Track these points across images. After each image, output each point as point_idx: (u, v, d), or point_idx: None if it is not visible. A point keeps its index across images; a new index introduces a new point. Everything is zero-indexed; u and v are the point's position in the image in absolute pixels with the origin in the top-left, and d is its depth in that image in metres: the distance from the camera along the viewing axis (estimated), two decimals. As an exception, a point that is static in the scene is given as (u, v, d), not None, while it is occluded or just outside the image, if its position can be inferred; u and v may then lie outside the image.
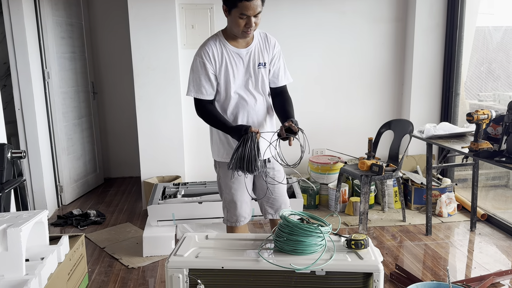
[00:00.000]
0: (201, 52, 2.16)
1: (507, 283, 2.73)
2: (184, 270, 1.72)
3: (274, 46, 2.29)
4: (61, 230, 3.74)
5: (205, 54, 2.15)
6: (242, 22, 2.06)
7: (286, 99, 2.32)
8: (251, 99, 2.24)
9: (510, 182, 4.15)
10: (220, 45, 2.17)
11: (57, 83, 4.17)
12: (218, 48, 2.16)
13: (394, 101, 4.49)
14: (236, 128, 2.09)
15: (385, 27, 4.32)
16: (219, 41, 2.18)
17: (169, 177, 4.12)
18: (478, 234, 3.48)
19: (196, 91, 2.19)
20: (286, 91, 2.36)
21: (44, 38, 4.01)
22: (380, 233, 3.55)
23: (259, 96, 2.27)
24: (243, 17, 2.04)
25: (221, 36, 2.20)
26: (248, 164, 2.02)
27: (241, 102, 2.23)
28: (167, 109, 4.03)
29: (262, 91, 2.28)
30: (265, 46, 2.25)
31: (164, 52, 3.93)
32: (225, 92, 2.22)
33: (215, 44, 2.17)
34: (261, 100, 2.28)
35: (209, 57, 2.15)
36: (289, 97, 2.34)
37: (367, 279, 1.68)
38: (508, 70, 3.95)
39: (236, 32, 2.12)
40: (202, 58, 2.15)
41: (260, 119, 2.29)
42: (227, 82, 2.20)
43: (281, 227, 1.78)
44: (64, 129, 4.30)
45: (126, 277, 2.92)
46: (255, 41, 2.23)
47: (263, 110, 2.30)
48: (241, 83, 2.22)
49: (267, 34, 2.29)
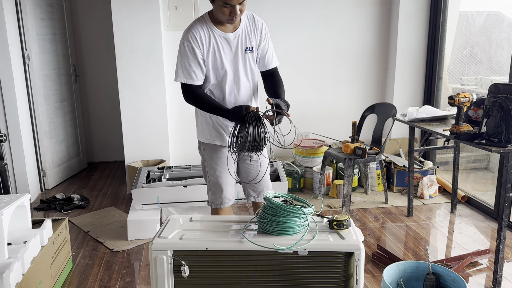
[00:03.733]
0: (188, 36, 2.11)
1: (485, 262, 2.81)
2: (168, 252, 1.72)
3: (261, 28, 2.25)
4: (44, 215, 3.71)
5: (192, 38, 2.10)
6: (226, 11, 2.02)
7: (277, 81, 2.28)
8: (238, 84, 2.22)
9: (490, 164, 4.23)
10: (208, 29, 2.13)
11: (37, 66, 4.09)
12: (205, 32, 2.12)
13: (378, 85, 4.51)
14: (235, 110, 2.02)
15: (369, 11, 4.32)
16: (206, 24, 2.13)
17: (153, 161, 4.10)
18: (458, 216, 3.56)
19: (186, 76, 2.13)
20: (277, 73, 2.34)
21: (24, 20, 3.91)
22: (363, 215, 3.61)
23: (246, 81, 2.25)
24: (227, 6, 2.00)
25: (207, 20, 2.15)
26: (260, 142, 1.99)
27: (229, 87, 2.21)
28: (151, 92, 3.99)
29: (250, 76, 2.26)
30: (253, 30, 2.22)
31: (147, 34, 3.87)
32: (214, 78, 2.19)
33: (202, 28, 2.12)
34: (248, 85, 2.26)
35: (197, 41, 2.10)
36: (280, 78, 2.31)
37: (349, 258, 1.71)
38: (489, 54, 4.00)
39: (221, 19, 2.09)
40: (190, 42, 2.10)
41: (247, 103, 2.27)
42: (215, 67, 2.17)
43: (265, 209, 1.80)
44: (45, 113, 4.23)
45: (110, 260, 2.92)
46: (242, 24, 2.19)
47: (249, 96, 2.28)
48: (229, 68, 2.19)
49: (255, 16, 2.25)
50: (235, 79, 2.21)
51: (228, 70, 2.19)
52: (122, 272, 2.77)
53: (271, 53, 2.31)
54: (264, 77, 2.34)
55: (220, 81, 2.20)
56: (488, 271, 2.72)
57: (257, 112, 2.01)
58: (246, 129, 1.96)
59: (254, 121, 1.97)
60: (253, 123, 1.97)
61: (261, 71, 2.34)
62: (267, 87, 2.31)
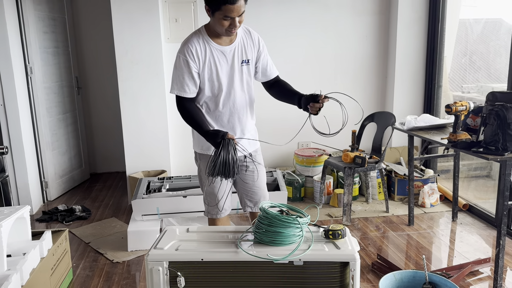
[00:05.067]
0: (184, 49, 2.14)
1: (486, 271, 2.79)
2: (164, 263, 1.73)
3: (258, 42, 2.27)
4: (46, 226, 3.73)
5: (188, 52, 2.12)
6: (226, 23, 2.03)
7: (284, 83, 2.37)
8: (234, 97, 2.24)
9: (491, 172, 4.22)
10: (204, 42, 2.15)
11: (40, 78, 4.14)
12: (201, 45, 2.14)
13: (377, 94, 4.53)
14: (212, 134, 2.08)
15: (368, 20, 4.35)
16: (202, 38, 2.15)
17: (154, 171, 4.12)
18: (459, 224, 3.54)
19: (179, 89, 2.17)
20: (280, 79, 2.41)
21: (26, 33, 3.97)
22: (364, 224, 3.60)
23: (242, 94, 2.26)
24: (227, 19, 2.02)
25: (204, 33, 2.17)
26: (229, 169, 2.03)
27: (224, 99, 2.22)
28: (152, 103, 4.03)
29: (245, 89, 2.28)
30: (249, 43, 2.24)
31: (147, 46, 3.91)
32: (209, 90, 2.21)
33: (198, 42, 2.14)
34: (244, 98, 2.28)
35: (192, 55, 2.12)
36: (285, 81, 2.39)
37: (344, 268, 1.71)
38: (488, 62, 4.00)
39: (220, 32, 2.11)
40: (186, 56, 2.13)
41: (243, 117, 2.29)
42: (211, 80, 2.19)
43: (261, 219, 1.81)
44: (48, 125, 4.27)
45: (111, 271, 2.93)
46: (239, 37, 2.21)
47: (244, 108, 2.29)
48: (225, 81, 2.20)
49: (250, 29, 2.28)
50: (231, 91, 2.23)
51: (224, 83, 2.20)
52: (122, 283, 2.78)
53: (271, 64, 2.37)
54: (269, 87, 2.39)
55: (216, 93, 2.22)
56: (489, 280, 2.70)
57: (233, 140, 2.05)
58: (217, 155, 2.01)
59: (226, 149, 2.01)
60: (225, 150, 2.01)
61: (264, 82, 2.38)
62: (276, 93, 2.37)
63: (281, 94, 2.35)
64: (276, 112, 3.95)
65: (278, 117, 4.15)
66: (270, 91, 2.41)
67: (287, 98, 2.32)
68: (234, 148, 2.04)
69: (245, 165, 2.32)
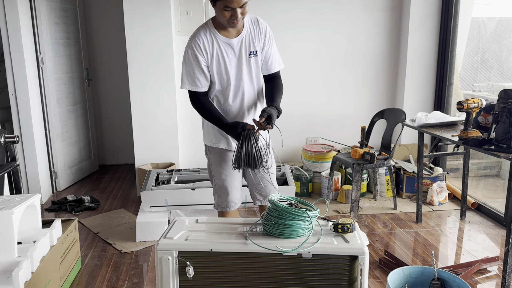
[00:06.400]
0: (192, 44, 2.13)
1: (494, 270, 2.78)
2: (174, 252, 1.74)
3: (265, 31, 2.23)
4: (55, 216, 3.76)
5: (196, 46, 2.12)
6: (227, 14, 2.01)
7: (275, 85, 2.29)
8: (243, 89, 2.22)
9: (501, 171, 4.19)
10: (211, 35, 2.14)
11: (51, 69, 4.17)
12: (208, 38, 2.13)
13: (388, 90, 4.50)
14: (232, 126, 2.08)
15: (379, 16, 4.32)
16: (209, 31, 2.14)
17: (163, 164, 4.14)
18: (468, 223, 3.52)
19: (191, 83, 2.17)
20: (278, 77, 2.34)
21: (38, 24, 4.00)
22: (371, 220, 3.59)
23: (250, 86, 2.24)
24: (228, 9, 1.99)
25: (211, 26, 2.16)
26: (254, 160, 2.05)
27: (233, 92, 2.21)
28: (161, 96, 4.04)
29: (254, 80, 2.25)
30: (257, 33, 2.21)
31: (158, 39, 3.92)
32: (218, 84, 2.20)
33: (205, 35, 2.13)
34: (252, 90, 2.26)
35: (200, 49, 2.12)
36: (279, 83, 2.32)
37: (353, 262, 1.71)
38: (500, 60, 3.97)
39: (223, 23, 2.09)
40: (194, 50, 2.12)
41: (252, 109, 2.28)
42: (220, 73, 2.18)
43: (270, 211, 1.81)
44: (58, 115, 4.30)
45: (119, 261, 2.95)
46: (246, 28, 2.18)
47: (254, 100, 2.28)
48: (233, 73, 2.18)
49: (258, 19, 2.24)
50: (240, 84, 2.21)
51: (232, 76, 2.18)
52: (130, 273, 2.80)
53: (274, 57, 2.29)
54: (265, 80, 2.35)
55: (225, 86, 2.21)
56: (497, 278, 2.68)
57: (253, 129, 2.06)
58: (239, 147, 2.03)
59: (248, 140, 2.03)
60: (247, 142, 2.03)
61: (264, 75, 2.34)
62: (266, 90, 2.32)
63: (266, 94, 2.32)
64: (285, 106, 3.94)
65: (284, 113, 4.14)
66: (265, 86, 2.36)
67: (266, 100, 2.29)
68: (256, 138, 2.04)
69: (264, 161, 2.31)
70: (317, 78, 4.40)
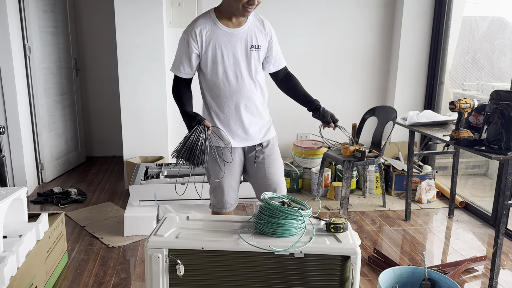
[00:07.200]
0: (189, 29, 2.10)
1: (481, 269, 2.81)
2: (164, 250, 1.72)
3: (270, 31, 2.22)
4: (41, 208, 3.70)
5: (191, 32, 2.08)
6: None
7: (296, 83, 2.38)
8: (241, 83, 2.15)
9: (489, 171, 4.23)
10: (211, 23, 2.09)
11: (38, 58, 4.08)
12: (208, 27, 2.09)
13: (379, 88, 4.51)
14: (190, 116, 2.08)
15: (372, 13, 4.31)
16: (211, 19, 2.10)
17: (152, 157, 4.09)
18: (455, 221, 3.55)
19: (175, 67, 2.17)
20: (289, 72, 2.39)
21: (26, 12, 3.90)
22: (360, 217, 3.60)
23: (249, 80, 2.17)
24: None
25: (212, 15, 2.11)
26: (195, 157, 2.00)
27: (230, 85, 2.15)
28: (152, 88, 3.98)
29: (253, 74, 2.18)
30: (260, 29, 2.17)
31: (149, 30, 3.86)
32: (213, 73, 2.14)
33: (205, 23, 2.09)
34: (252, 84, 2.18)
35: (195, 35, 2.08)
36: (295, 77, 2.39)
37: (345, 262, 1.70)
38: (492, 60, 3.99)
39: (235, 9, 2.01)
40: (188, 36, 2.09)
41: (250, 104, 2.20)
42: (215, 62, 2.12)
43: (262, 210, 1.79)
44: (45, 106, 4.22)
45: (106, 256, 2.91)
46: (249, 22, 2.14)
47: (253, 95, 2.20)
48: (230, 64, 2.12)
49: (263, 18, 2.22)
50: (237, 76, 2.15)
51: (229, 67, 2.13)
52: (117, 268, 2.76)
53: (280, 54, 2.32)
54: (279, 77, 2.36)
55: (221, 78, 2.14)
56: (484, 277, 2.71)
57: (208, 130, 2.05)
58: (186, 139, 2.00)
59: (197, 135, 2.00)
60: (195, 136, 2.00)
61: (273, 72, 2.34)
62: (287, 87, 2.37)
63: (293, 94, 2.38)
64: (277, 101, 3.92)
65: (276, 108, 4.12)
66: (280, 85, 2.37)
67: (298, 100, 2.39)
68: (206, 137, 2.02)
69: (253, 156, 2.26)
70: (309, 74, 4.37)
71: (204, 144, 2.01)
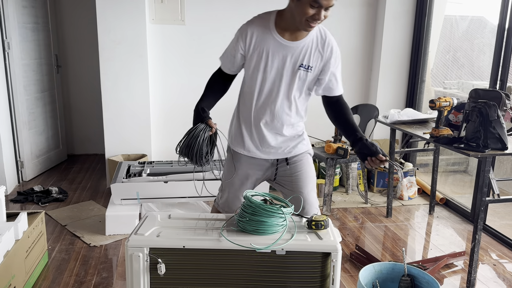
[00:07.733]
0: (244, 28, 1.97)
1: (460, 264, 2.86)
2: (145, 249, 1.70)
3: (330, 52, 1.98)
4: (21, 207, 3.64)
5: (244, 32, 1.96)
6: (311, 12, 1.78)
7: (345, 111, 2.05)
8: (273, 99, 1.98)
9: (469, 168, 4.31)
10: (266, 29, 1.93)
11: (18, 55, 4.00)
12: (261, 31, 1.93)
13: (362, 86, 4.54)
14: (198, 111, 1.95)
15: (355, 12, 4.34)
16: (268, 24, 1.95)
17: (134, 155, 4.05)
18: (436, 217, 3.61)
19: (222, 57, 2.07)
20: (343, 99, 2.08)
21: (4, 7, 3.82)
22: (343, 214, 3.63)
23: (284, 99, 1.98)
24: (315, 5, 1.77)
25: (272, 19, 1.95)
26: (192, 155, 1.94)
27: (261, 97, 1.99)
28: (134, 85, 3.94)
29: (293, 95, 1.98)
30: (318, 49, 1.96)
31: (131, 26, 3.82)
32: (251, 80, 2.01)
33: (260, 26, 1.95)
34: (285, 104, 1.99)
35: (245, 37, 1.95)
36: (347, 106, 2.07)
37: (326, 259, 1.71)
38: (471, 59, 4.06)
39: (297, 21, 1.84)
40: (241, 34, 1.97)
41: (277, 123, 2.02)
42: (257, 69, 1.97)
43: (244, 208, 1.79)
44: (25, 103, 4.14)
45: (87, 255, 2.88)
46: (309, 38, 1.94)
47: (282, 114, 2.01)
48: (271, 77, 1.95)
49: (328, 35, 1.99)
50: (273, 91, 1.98)
51: (269, 78, 1.96)
52: (99, 267, 2.74)
53: (337, 81, 2.04)
54: (328, 103, 2.10)
55: (257, 86, 1.99)
56: (463, 273, 2.76)
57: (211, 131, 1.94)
58: (187, 135, 1.94)
59: (197, 133, 1.93)
60: (196, 132, 1.93)
61: (325, 96, 2.09)
62: (333, 114, 2.09)
63: (338, 122, 2.07)
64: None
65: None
66: (327, 108, 2.11)
67: (342, 128, 2.05)
68: (205, 137, 1.94)
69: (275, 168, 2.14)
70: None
71: (203, 143, 1.96)
